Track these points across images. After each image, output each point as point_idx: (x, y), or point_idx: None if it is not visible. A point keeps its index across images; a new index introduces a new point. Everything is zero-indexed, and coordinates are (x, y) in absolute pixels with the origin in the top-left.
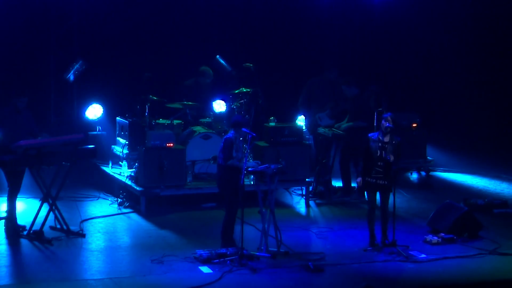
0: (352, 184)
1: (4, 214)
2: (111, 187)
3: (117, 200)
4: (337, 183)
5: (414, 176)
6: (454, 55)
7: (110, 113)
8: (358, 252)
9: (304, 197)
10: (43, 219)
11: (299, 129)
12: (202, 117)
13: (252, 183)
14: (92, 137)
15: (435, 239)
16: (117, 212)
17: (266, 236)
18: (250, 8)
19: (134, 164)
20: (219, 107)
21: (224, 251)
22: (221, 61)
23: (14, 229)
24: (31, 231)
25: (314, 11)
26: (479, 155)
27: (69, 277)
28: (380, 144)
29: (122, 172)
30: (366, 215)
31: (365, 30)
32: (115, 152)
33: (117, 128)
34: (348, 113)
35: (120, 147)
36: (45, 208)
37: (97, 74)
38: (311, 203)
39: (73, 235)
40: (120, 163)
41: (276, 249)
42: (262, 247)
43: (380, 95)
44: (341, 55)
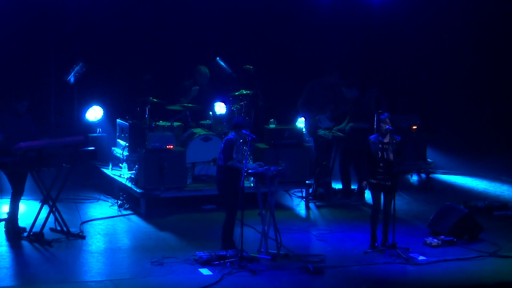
0: (352, 186)
1: (5, 216)
2: (111, 189)
3: (117, 202)
4: (337, 185)
5: (414, 178)
6: (454, 57)
7: (110, 115)
8: (358, 254)
9: (304, 199)
10: (43, 221)
11: (299, 131)
12: (202, 119)
13: (252, 185)
14: (92, 139)
15: (435, 242)
16: (117, 214)
17: (266, 238)
18: (251, 10)
19: (134, 166)
20: (219, 109)
21: (224, 253)
22: (221, 63)
23: (15, 231)
24: (31, 233)
25: (315, 14)
26: (479, 157)
27: (69, 279)
28: (381, 146)
29: (122, 174)
30: (370, 216)
31: (365, 33)
32: (115, 154)
33: (117, 130)
34: (348, 115)
35: (120, 149)
36: (45, 210)
37: (97, 76)
38: (311, 205)
39: (73, 237)
40: (120, 165)
41: (276, 251)
42: (262, 249)
43: (380, 97)
44: (342, 57)
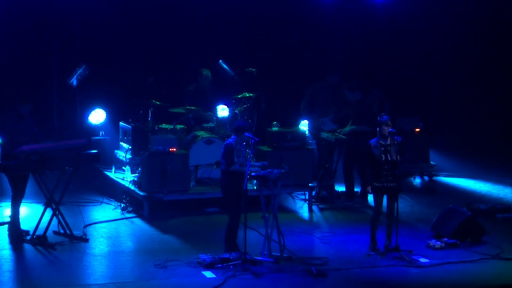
0: (355, 189)
1: (8, 219)
2: (114, 192)
3: (120, 205)
4: (340, 188)
5: (417, 181)
6: (457, 60)
7: (113, 118)
8: (361, 257)
9: (307, 202)
10: (47, 224)
11: (302, 134)
12: (205, 122)
13: (255, 188)
14: (95, 142)
15: (438, 244)
16: (120, 217)
17: (269, 241)
18: (253, 13)
19: (137, 169)
20: (222, 112)
21: (227, 256)
22: (224, 66)
23: (18, 234)
24: (35, 236)
25: (317, 16)
26: (482, 160)
27: (72, 282)
28: (383, 148)
29: (125, 177)
30: (371, 219)
31: (368, 35)
32: (118, 157)
33: (120, 133)
34: (351, 118)
35: (123, 152)
36: (49, 213)
37: (100, 79)
38: (314, 208)
39: (76, 240)
40: (123, 168)
41: (279, 254)
42: (265, 252)
43: (383, 100)
44: (344, 60)
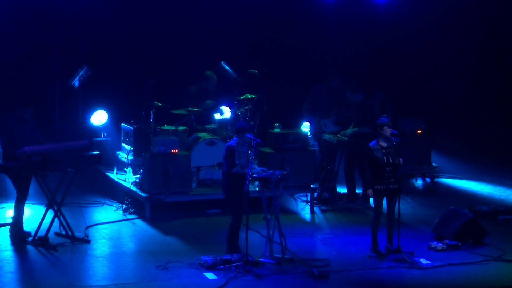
0: (357, 191)
1: (10, 220)
2: (116, 193)
3: (122, 206)
4: (342, 190)
5: (419, 183)
6: (459, 61)
7: (115, 119)
8: (363, 259)
9: (309, 204)
10: (48, 225)
11: (304, 136)
12: (207, 123)
13: (257, 190)
14: (97, 143)
15: (440, 246)
16: (122, 218)
17: (271, 243)
18: (255, 14)
19: (139, 170)
20: (224, 114)
21: (229, 257)
22: (226, 67)
23: (20, 235)
24: (36, 237)
25: (319, 18)
26: (484, 162)
27: (74, 283)
28: (384, 151)
29: (127, 178)
30: (371, 221)
31: (370, 37)
32: (120, 158)
33: (122, 134)
34: (353, 120)
35: (125, 153)
36: (50, 214)
37: (102, 80)
38: (316, 210)
39: (78, 241)
40: (125, 169)
41: (281, 256)
42: (267, 254)
43: (385, 101)
44: (346, 62)
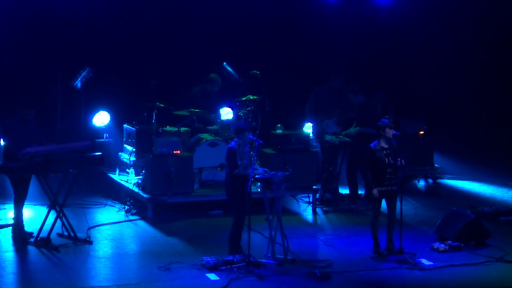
0: (359, 192)
1: (12, 221)
2: (118, 194)
3: (124, 207)
4: (344, 191)
5: (421, 184)
6: (462, 62)
7: (117, 120)
8: (365, 260)
9: (311, 205)
10: (51, 226)
11: (306, 137)
12: (209, 124)
13: (259, 191)
14: (99, 144)
15: (442, 247)
16: (124, 219)
17: (273, 244)
18: (257, 15)
19: (141, 171)
20: (226, 116)
21: (231, 258)
22: (228, 68)
23: (22, 236)
24: (38, 238)
25: (321, 19)
26: (487, 163)
27: (76, 284)
28: (385, 152)
29: (129, 179)
30: (370, 223)
31: (372, 37)
32: (122, 159)
33: (124, 135)
34: (355, 121)
35: (127, 154)
36: (52, 215)
37: (104, 82)
38: (318, 211)
39: (80, 242)
40: (127, 170)
41: (283, 257)
42: (269, 255)
43: (387, 103)
44: (348, 62)
